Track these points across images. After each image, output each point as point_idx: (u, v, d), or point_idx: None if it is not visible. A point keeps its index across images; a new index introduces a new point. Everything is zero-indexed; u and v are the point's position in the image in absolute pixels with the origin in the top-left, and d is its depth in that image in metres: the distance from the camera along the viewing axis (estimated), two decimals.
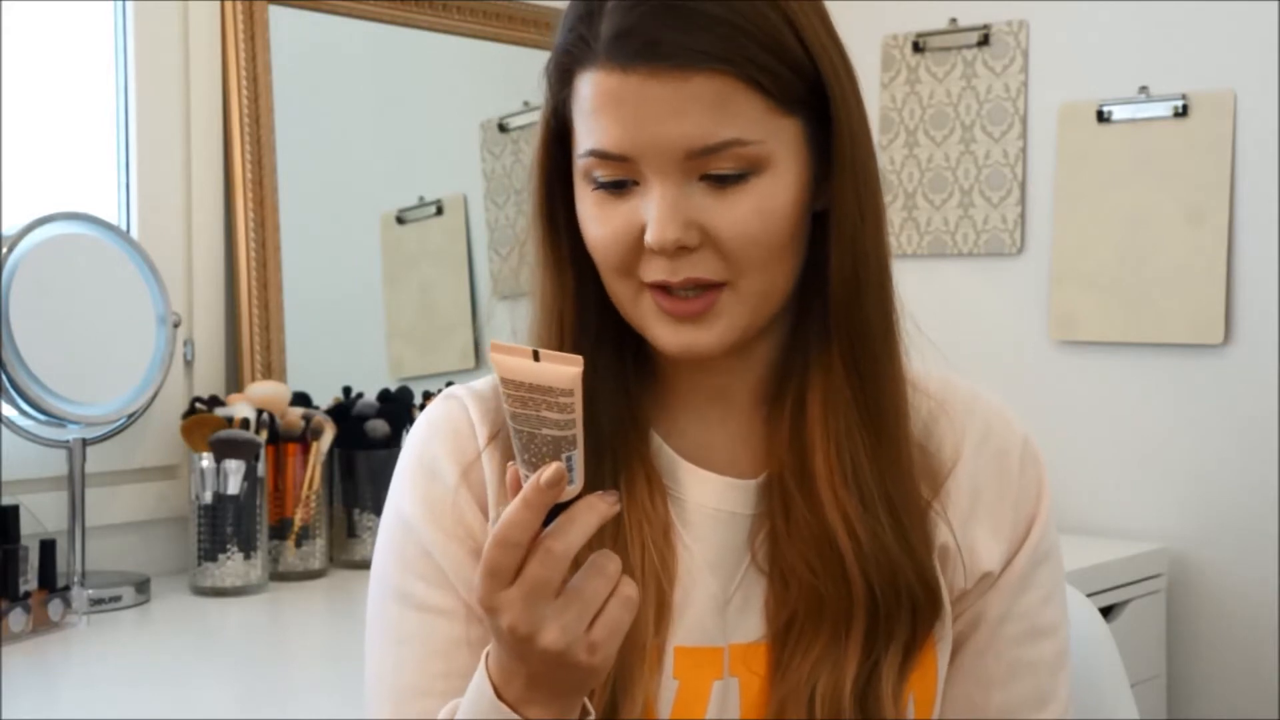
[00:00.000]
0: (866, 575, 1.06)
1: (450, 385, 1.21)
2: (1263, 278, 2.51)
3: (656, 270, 1.04)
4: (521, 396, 0.90)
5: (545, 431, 0.90)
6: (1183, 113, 2.56)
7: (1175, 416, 2.60)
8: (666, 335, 1.06)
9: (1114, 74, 2.64)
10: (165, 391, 2.09)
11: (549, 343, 1.09)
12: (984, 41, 2.76)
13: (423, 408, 2.34)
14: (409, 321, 2.57)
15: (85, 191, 2.15)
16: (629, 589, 0.94)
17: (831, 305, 1.08)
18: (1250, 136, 2.51)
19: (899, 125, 2.84)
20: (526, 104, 2.64)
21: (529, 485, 0.90)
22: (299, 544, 2.15)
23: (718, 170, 1.02)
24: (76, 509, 1.96)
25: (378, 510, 2.10)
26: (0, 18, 2.04)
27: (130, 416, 2.04)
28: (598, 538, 0.95)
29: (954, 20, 2.80)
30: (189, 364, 2.21)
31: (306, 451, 2.16)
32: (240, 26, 2.29)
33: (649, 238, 1.02)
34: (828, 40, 1.06)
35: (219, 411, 2.09)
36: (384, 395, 2.36)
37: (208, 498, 2.04)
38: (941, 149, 2.80)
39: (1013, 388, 2.57)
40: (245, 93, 2.29)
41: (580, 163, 1.05)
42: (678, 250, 1.03)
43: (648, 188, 1.03)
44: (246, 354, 2.27)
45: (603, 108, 1.02)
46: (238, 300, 2.28)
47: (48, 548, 1.85)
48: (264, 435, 2.09)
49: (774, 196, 1.03)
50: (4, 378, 1.89)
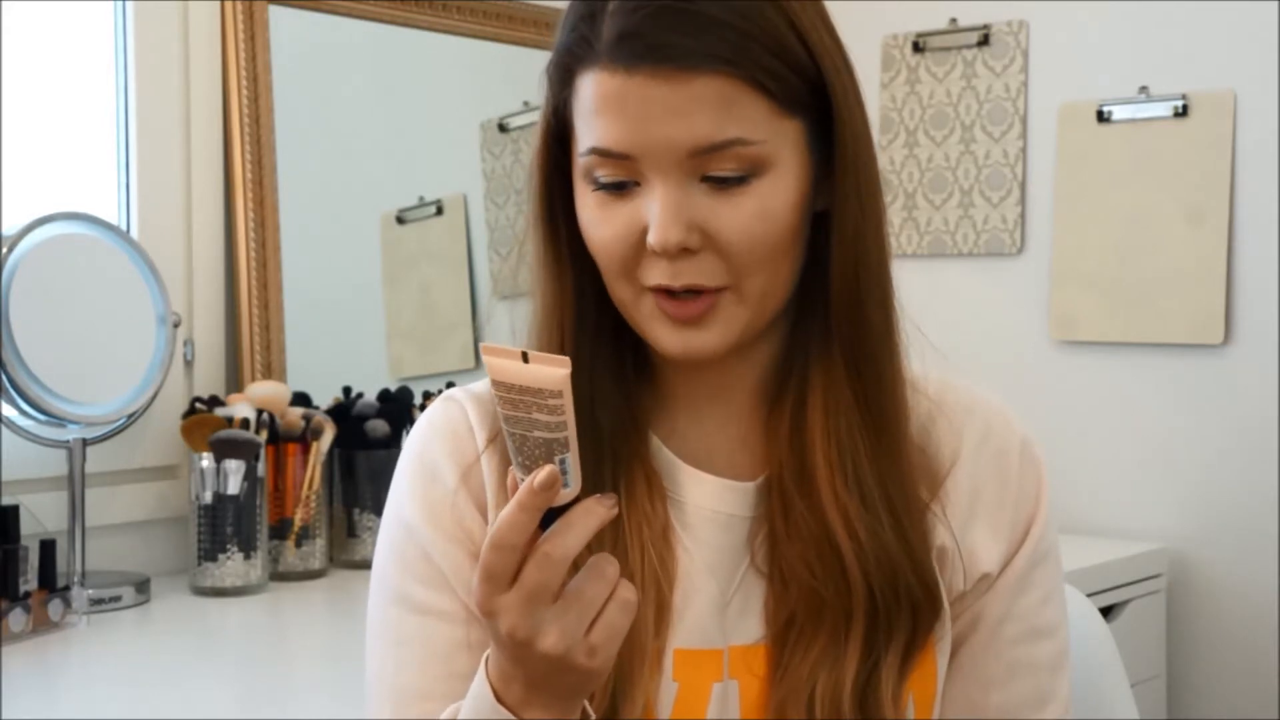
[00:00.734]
0: (866, 576, 1.06)
1: (450, 386, 1.21)
2: (1263, 278, 2.51)
3: (658, 274, 1.04)
4: (512, 399, 0.89)
5: (537, 434, 0.89)
6: (1183, 113, 2.56)
7: (1175, 416, 2.60)
8: (667, 338, 1.06)
9: (1114, 74, 2.63)
10: (165, 391, 2.09)
11: (548, 343, 1.09)
12: (984, 41, 2.76)
13: (423, 408, 2.35)
14: (409, 321, 2.57)
15: (85, 191, 2.15)
16: (628, 592, 0.94)
17: (832, 305, 1.08)
18: (1250, 136, 2.51)
19: (899, 125, 2.84)
20: (526, 104, 2.64)
21: (522, 488, 0.90)
22: (299, 544, 2.15)
23: (720, 171, 1.02)
24: (76, 509, 1.96)
25: (378, 510, 2.11)
26: (0, 18, 2.04)
27: (130, 416, 2.04)
28: (597, 540, 0.95)
29: (954, 20, 2.79)
30: (189, 364, 2.21)
31: (306, 451, 2.16)
32: (240, 26, 2.29)
33: (651, 239, 1.02)
34: (829, 41, 1.06)
35: (219, 411, 2.09)
36: (384, 395, 2.36)
37: (208, 498, 2.04)
38: (941, 149, 2.80)
39: (1013, 388, 2.57)
40: (245, 93, 2.29)
41: (581, 162, 1.05)
42: (679, 252, 1.02)
43: (649, 188, 1.03)
44: (246, 354, 2.27)
45: (605, 107, 1.02)
46: (238, 300, 2.28)
47: (48, 548, 1.85)
48: (264, 435, 2.09)
49: (776, 198, 1.03)
50: (4, 378, 1.89)
